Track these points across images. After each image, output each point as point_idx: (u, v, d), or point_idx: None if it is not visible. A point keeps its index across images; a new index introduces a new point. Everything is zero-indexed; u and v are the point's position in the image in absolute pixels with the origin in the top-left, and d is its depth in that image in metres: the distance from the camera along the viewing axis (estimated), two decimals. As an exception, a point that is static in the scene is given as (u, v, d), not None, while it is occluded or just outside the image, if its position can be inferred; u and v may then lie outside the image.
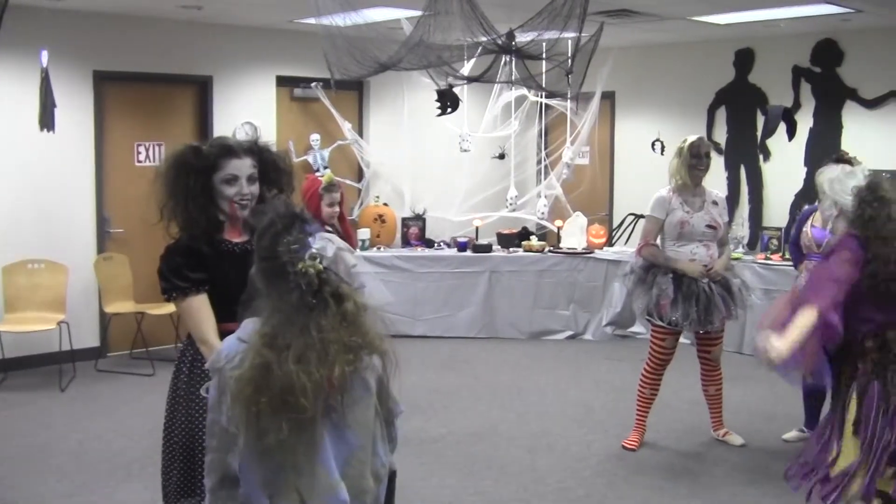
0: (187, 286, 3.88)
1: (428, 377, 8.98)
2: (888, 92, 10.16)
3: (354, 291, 2.89)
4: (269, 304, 2.82)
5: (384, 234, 11.45)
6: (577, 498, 6.11)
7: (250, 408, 2.71)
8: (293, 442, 2.74)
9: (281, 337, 2.75)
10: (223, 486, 2.89)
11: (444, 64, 7.94)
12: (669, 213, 6.81)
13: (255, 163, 4.00)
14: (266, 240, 2.84)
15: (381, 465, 3.01)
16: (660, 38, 11.31)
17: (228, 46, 10.38)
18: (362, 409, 2.92)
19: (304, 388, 2.70)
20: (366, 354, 2.88)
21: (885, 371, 4.61)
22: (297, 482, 2.80)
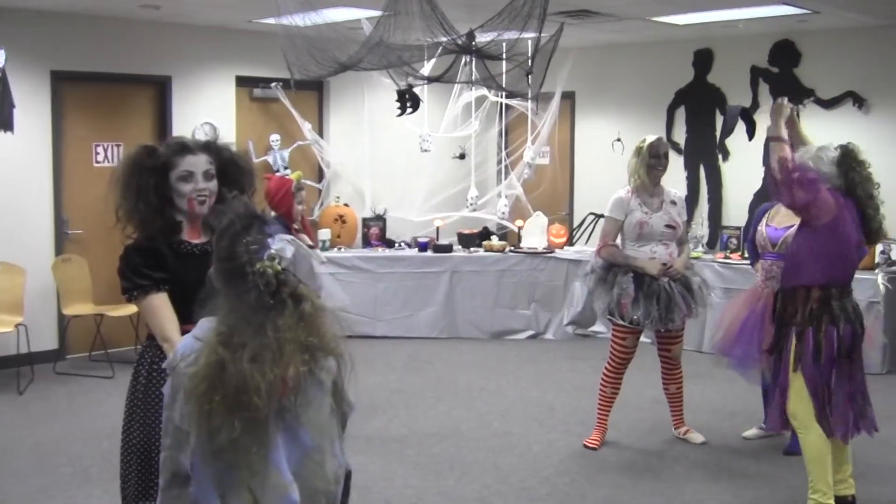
0: (148, 284, 3.85)
1: (389, 377, 8.97)
2: (845, 92, 10.26)
3: (312, 293, 2.89)
4: (226, 303, 2.82)
5: (345, 235, 11.42)
6: (540, 497, 6.12)
7: (203, 406, 2.70)
8: (246, 441, 2.73)
9: (237, 336, 2.74)
10: (174, 485, 2.86)
11: (405, 64, 7.94)
12: (628, 213, 6.84)
13: (212, 159, 3.98)
14: (225, 240, 2.83)
15: (339, 465, 3.00)
16: (619, 39, 11.36)
17: (187, 46, 10.33)
18: (316, 409, 2.91)
19: (258, 387, 2.69)
20: (322, 356, 2.88)
21: (820, 321, 5.39)
22: (250, 481, 2.78)
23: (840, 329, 5.39)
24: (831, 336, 5.37)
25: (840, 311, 5.41)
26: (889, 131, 10.04)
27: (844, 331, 5.40)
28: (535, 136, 11.42)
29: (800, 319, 5.44)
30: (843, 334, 5.39)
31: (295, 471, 2.84)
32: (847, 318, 5.42)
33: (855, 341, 5.48)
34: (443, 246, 11.21)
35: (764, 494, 6.16)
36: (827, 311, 5.39)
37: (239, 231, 2.82)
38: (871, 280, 9.26)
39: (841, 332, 5.38)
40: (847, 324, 5.41)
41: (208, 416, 2.71)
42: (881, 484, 6.37)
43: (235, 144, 4.37)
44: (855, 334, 5.47)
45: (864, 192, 5.54)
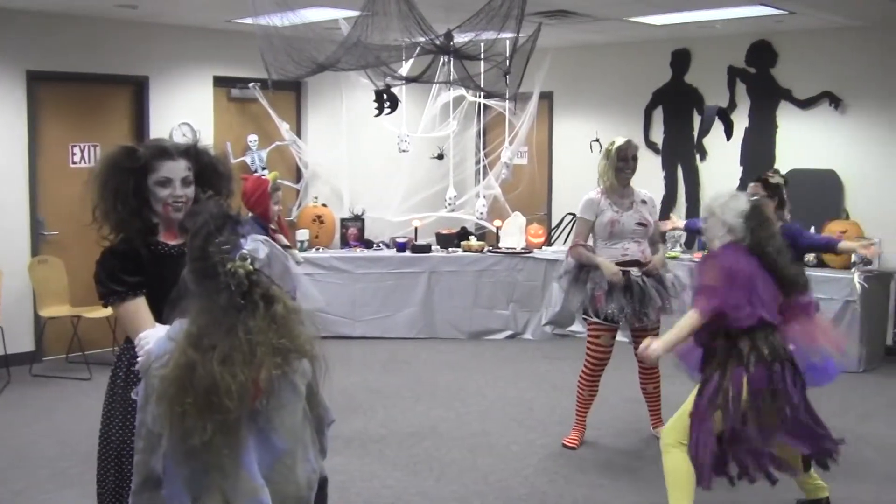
0: (124, 290, 3.83)
1: (368, 378, 8.97)
2: (821, 92, 10.31)
3: (285, 294, 2.88)
4: (197, 304, 2.81)
5: (323, 235, 11.41)
6: (519, 497, 6.13)
7: (174, 408, 2.70)
8: (217, 443, 2.73)
9: (207, 337, 2.74)
10: (146, 488, 2.86)
11: (382, 64, 7.93)
12: (599, 213, 6.94)
13: (191, 165, 3.96)
14: (198, 240, 2.83)
15: (312, 471, 2.99)
16: (597, 39, 11.39)
17: (165, 46, 10.29)
18: (289, 413, 2.91)
19: (229, 389, 2.69)
20: (295, 358, 2.87)
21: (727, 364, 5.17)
22: (222, 483, 2.78)
23: (750, 370, 5.09)
24: (738, 379, 5.10)
25: (750, 352, 5.13)
26: (864, 131, 10.10)
27: (757, 371, 5.08)
28: (513, 136, 11.43)
29: (712, 360, 5.27)
30: (755, 375, 5.08)
31: (266, 475, 2.83)
32: (759, 359, 5.11)
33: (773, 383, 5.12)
34: (421, 246, 11.21)
35: (742, 494, 6.18)
36: (736, 357, 5.15)
37: (212, 231, 2.82)
38: (848, 279, 9.32)
39: (751, 372, 5.08)
40: (759, 364, 5.10)
41: (180, 418, 2.70)
42: (861, 481, 6.40)
43: (214, 146, 4.36)
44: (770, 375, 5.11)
45: (774, 249, 5.33)
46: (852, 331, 9.29)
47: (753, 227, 5.32)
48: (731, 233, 5.35)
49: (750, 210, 5.37)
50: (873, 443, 7.22)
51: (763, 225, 5.38)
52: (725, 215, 5.38)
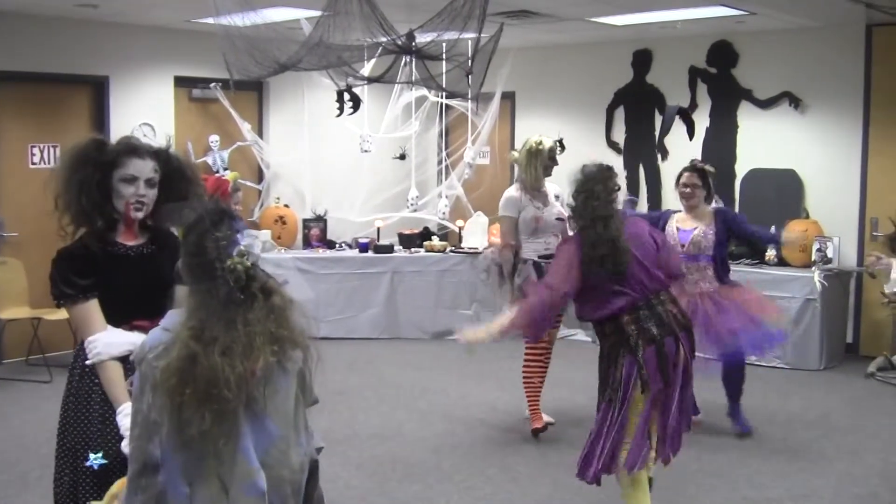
0: (74, 293, 3.82)
1: (332, 379, 8.92)
2: (781, 92, 10.39)
3: (281, 286, 2.97)
4: (195, 298, 2.87)
5: (285, 236, 11.38)
6: (484, 496, 6.14)
7: (174, 398, 2.75)
8: (215, 432, 2.79)
9: (208, 330, 2.80)
10: (143, 475, 2.89)
11: (344, 64, 7.91)
12: (522, 210, 7.25)
13: (158, 168, 3.94)
14: (194, 235, 2.89)
15: (304, 454, 3.07)
16: (559, 39, 11.41)
17: (125, 46, 10.22)
18: (283, 399, 2.98)
19: (228, 380, 2.75)
20: (290, 347, 2.96)
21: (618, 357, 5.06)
22: (219, 469, 2.84)
23: (640, 357, 4.98)
24: (631, 369, 4.99)
25: (638, 336, 5.01)
26: (824, 131, 10.19)
27: (646, 355, 4.98)
28: (475, 136, 11.43)
29: (605, 354, 5.19)
30: (645, 359, 4.98)
31: (261, 459, 2.90)
32: (648, 340, 5.00)
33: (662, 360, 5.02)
34: (383, 246, 11.21)
35: (704, 489, 6.23)
36: (625, 344, 5.03)
37: (208, 227, 2.87)
38: (808, 278, 9.40)
39: (641, 359, 4.97)
40: (650, 346, 4.99)
41: (179, 408, 2.77)
42: (821, 477, 6.46)
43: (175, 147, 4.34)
44: (660, 352, 5.01)
45: (584, 220, 5.20)
46: (813, 329, 9.38)
47: (576, 197, 5.25)
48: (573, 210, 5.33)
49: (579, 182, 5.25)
50: (834, 440, 7.29)
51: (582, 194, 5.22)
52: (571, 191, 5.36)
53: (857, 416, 7.94)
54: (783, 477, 6.48)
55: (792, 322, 9.25)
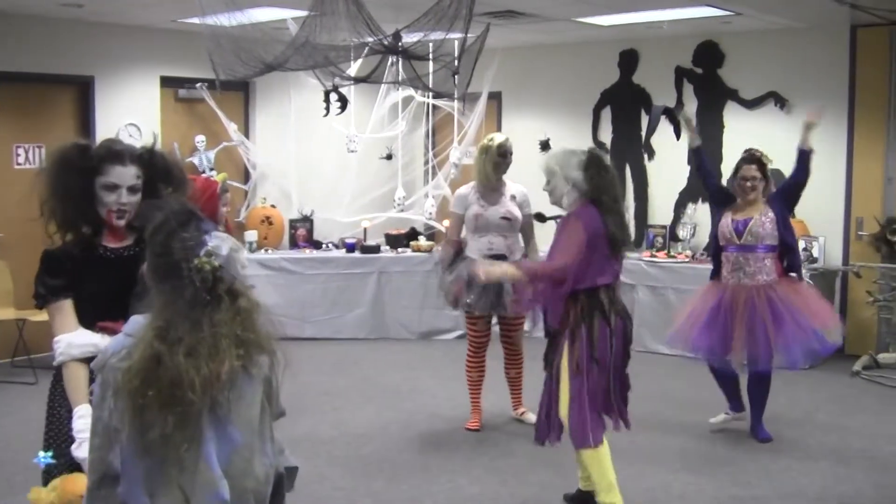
0: (45, 293, 3.84)
1: (318, 379, 8.94)
2: (767, 92, 10.42)
3: (248, 289, 2.90)
4: (161, 298, 2.81)
5: (271, 236, 11.36)
6: (470, 496, 6.14)
7: (136, 400, 2.69)
8: (177, 436, 2.72)
9: (173, 330, 2.74)
10: (102, 486, 2.83)
11: (331, 64, 7.90)
12: (468, 207, 7.36)
13: (141, 173, 3.90)
14: (160, 236, 2.83)
15: (269, 465, 2.99)
16: (545, 39, 11.42)
17: (111, 46, 10.19)
18: (247, 405, 2.91)
19: (193, 382, 2.70)
20: (256, 352, 2.89)
21: (592, 317, 5.45)
22: (180, 478, 2.77)
23: (612, 323, 5.47)
24: (605, 332, 5.44)
25: (610, 307, 5.49)
26: (810, 131, 10.20)
27: (616, 325, 5.48)
28: (461, 136, 11.43)
29: (572, 321, 5.49)
30: (615, 329, 5.47)
31: (224, 468, 2.83)
32: (618, 313, 5.52)
33: (627, 336, 5.60)
34: (370, 247, 11.21)
35: (691, 487, 6.24)
36: (598, 309, 5.47)
37: (175, 227, 2.82)
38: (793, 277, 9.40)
39: (613, 327, 5.46)
40: (619, 319, 5.52)
41: (141, 411, 2.70)
42: (806, 475, 6.48)
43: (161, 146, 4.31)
44: (626, 329, 5.59)
45: (609, 197, 5.58)
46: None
47: (592, 175, 5.54)
48: (575, 186, 5.57)
49: (587, 160, 5.58)
50: (820, 438, 7.32)
51: (601, 173, 5.59)
52: (567, 170, 5.59)
53: (842, 415, 7.97)
54: (769, 475, 6.50)
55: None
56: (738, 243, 7.08)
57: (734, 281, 7.07)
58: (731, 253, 7.13)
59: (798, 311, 6.92)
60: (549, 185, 5.72)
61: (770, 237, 7.04)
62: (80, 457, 3.52)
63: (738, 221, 7.14)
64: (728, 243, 7.15)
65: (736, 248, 7.09)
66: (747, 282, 7.00)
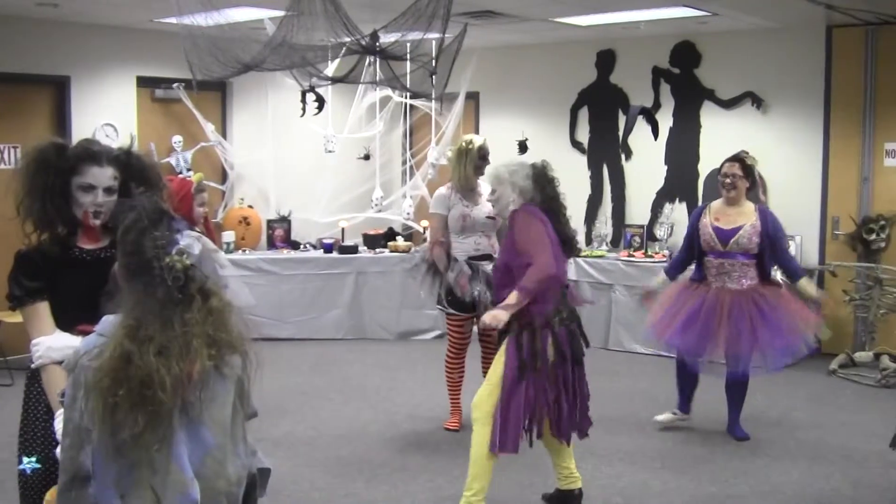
0: (21, 295, 3.82)
1: (296, 379, 8.92)
2: (743, 92, 10.46)
3: (220, 288, 2.90)
4: (132, 297, 2.80)
5: (249, 237, 11.33)
6: (450, 496, 6.14)
7: (107, 399, 2.68)
8: (148, 436, 2.71)
9: (143, 329, 2.73)
10: (73, 486, 2.82)
11: (308, 64, 7.89)
12: (451, 207, 7.31)
13: (118, 174, 3.89)
14: (132, 235, 2.82)
15: (242, 466, 2.99)
16: (523, 40, 11.43)
17: (87, 46, 10.14)
18: (219, 407, 2.91)
19: (163, 381, 2.69)
20: (228, 352, 2.88)
21: (533, 328, 5.42)
22: (151, 479, 2.76)
23: (555, 331, 5.46)
24: (546, 339, 5.43)
25: (555, 314, 5.48)
26: (786, 130, 10.27)
27: (560, 333, 5.47)
28: (439, 136, 11.43)
29: (516, 326, 5.45)
30: (559, 338, 5.46)
31: (196, 470, 2.83)
32: (562, 321, 5.50)
33: (573, 342, 5.56)
34: (348, 247, 11.19)
35: (669, 486, 6.26)
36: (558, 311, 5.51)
37: (146, 226, 2.81)
38: (770, 276, 9.45)
39: (556, 333, 5.46)
40: (562, 326, 5.49)
41: (112, 410, 2.69)
42: (785, 474, 6.51)
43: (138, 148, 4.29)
44: (572, 335, 5.56)
45: (558, 206, 5.73)
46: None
47: (543, 185, 5.67)
48: (522, 195, 5.65)
49: (537, 172, 5.70)
50: (797, 436, 7.35)
51: (551, 183, 5.73)
52: (515, 178, 5.67)
53: (819, 413, 8.01)
54: (747, 473, 6.52)
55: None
56: (721, 250, 7.10)
57: (718, 284, 7.12)
58: (713, 259, 7.15)
59: (783, 314, 6.96)
60: (495, 194, 5.75)
61: (754, 248, 7.07)
62: None
63: (722, 229, 7.12)
64: (711, 250, 7.16)
65: (719, 254, 7.12)
66: (732, 286, 7.04)
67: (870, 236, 9.44)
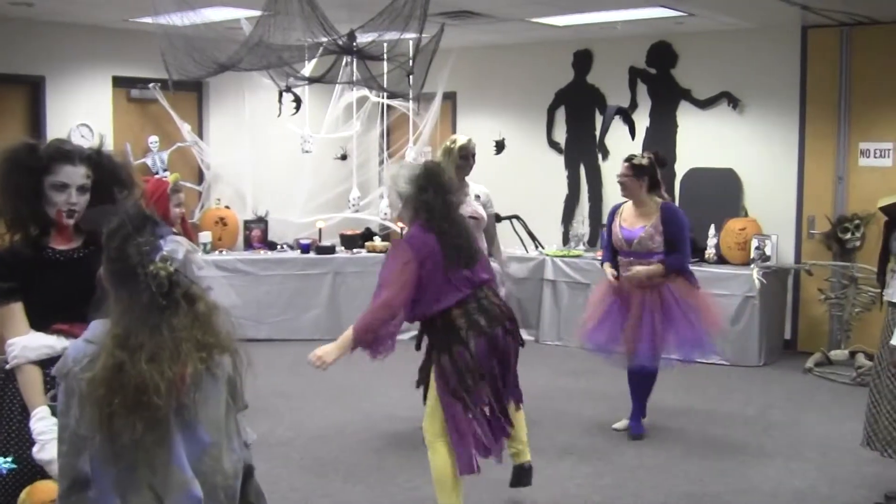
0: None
1: (274, 380, 8.89)
2: (720, 92, 10.51)
3: (205, 292, 2.91)
4: (119, 305, 2.81)
5: (226, 237, 11.30)
6: (428, 496, 6.13)
7: (103, 409, 2.70)
8: (147, 441, 2.74)
9: (133, 337, 2.75)
10: (73, 491, 2.83)
11: (285, 64, 7.88)
12: None
13: (90, 173, 3.88)
14: (116, 241, 2.83)
15: (238, 460, 3.03)
16: (500, 40, 11.44)
17: (62, 45, 10.09)
18: (213, 406, 2.94)
19: (158, 387, 2.71)
20: (217, 353, 2.91)
21: (450, 346, 5.21)
22: (151, 480, 2.79)
23: (471, 347, 5.16)
24: (464, 357, 5.16)
25: (468, 329, 5.19)
26: (761, 130, 10.31)
27: (477, 346, 5.16)
28: (416, 136, 11.43)
29: (436, 345, 5.36)
30: (477, 350, 5.16)
31: (194, 467, 2.86)
32: (480, 332, 5.19)
33: (498, 348, 5.27)
34: (325, 247, 11.17)
35: (645, 485, 6.28)
36: (454, 334, 5.21)
37: (130, 233, 2.82)
38: (747, 275, 9.51)
39: (472, 349, 5.16)
40: (481, 337, 5.18)
41: (109, 419, 2.71)
42: (761, 471, 6.53)
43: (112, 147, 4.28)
44: (494, 342, 5.24)
45: (439, 213, 5.26)
46: (752, 325, 9.49)
47: (421, 189, 5.24)
48: (407, 202, 5.32)
49: (418, 174, 5.30)
50: (773, 435, 7.38)
51: (430, 187, 5.27)
52: (398, 184, 5.35)
53: (795, 412, 8.04)
54: (723, 472, 6.54)
55: (731, 319, 9.40)
56: (628, 250, 7.15)
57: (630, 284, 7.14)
58: (623, 258, 7.21)
59: (690, 310, 6.98)
60: (390, 199, 5.63)
61: (658, 247, 7.06)
62: (43, 459, 3.50)
63: (627, 230, 7.19)
64: (621, 249, 7.22)
65: (627, 253, 7.17)
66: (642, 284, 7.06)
67: (845, 235, 9.48)
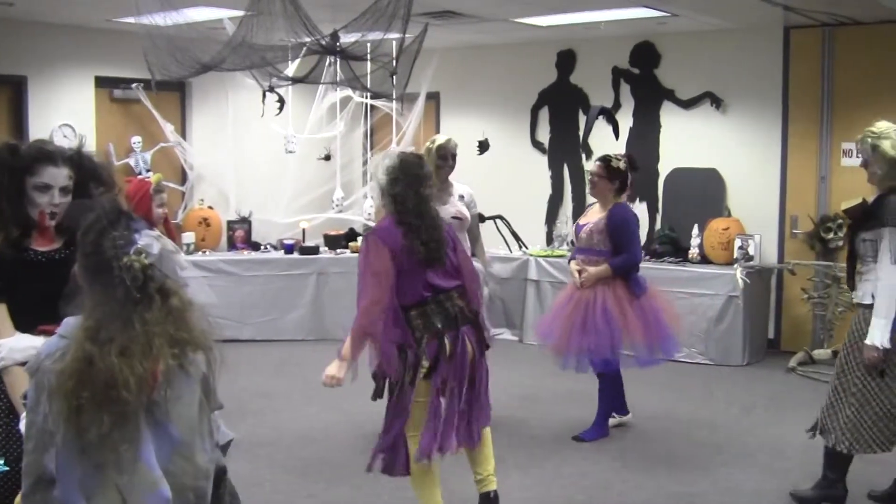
0: None
1: (257, 381, 8.88)
2: (703, 93, 10.52)
3: (180, 287, 2.89)
4: (92, 298, 2.80)
5: (209, 238, 11.27)
6: (412, 497, 6.11)
7: (71, 402, 2.67)
8: (115, 437, 2.71)
9: (104, 330, 2.73)
10: (37, 490, 2.80)
11: (268, 64, 7.87)
12: None
13: (73, 174, 3.88)
14: (91, 235, 2.82)
15: (209, 461, 2.99)
16: (483, 40, 11.44)
17: (44, 45, 10.05)
18: (185, 404, 2.91)
19: (127, 381, 2.68)
20: (191, 350, 2.88)
21: (420, 342, 5.12)
22: (118, 480, 2.75)
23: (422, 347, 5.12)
24: (432, 349, 5.12)
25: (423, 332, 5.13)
26: (744, 130, 10.34)
27: (429, 347, 5.11)
28: (400, 136, 11.42)
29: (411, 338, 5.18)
30: (428, 352, 5.12)
31: (164, 467, 2.83)
32: (434, 335, 5.13)
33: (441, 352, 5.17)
34: (309, 248, 11.16)
35: (629, 485, 6.28)
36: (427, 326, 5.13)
37: (105, 226, 2.81)
38: (730, 275, 9.52)
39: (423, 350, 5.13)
40: (433, 340, 5.12)
41: (77, 412, 2.68)
42: (744, 471, 6.55)
43: (95, 147, 4.27)
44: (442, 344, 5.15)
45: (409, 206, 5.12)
46: (735, 325, 9.51)
47: (393, 179, 5.12)
48: (382, 193, 5.21)
49: (392, 165, 5.16)
50: (756, 434, 7.39)
51: (401, 181, 5.13)
52: (378, 175, 5.23)
53: (778, 411, 8.07)
54: (707, 472, 6.56)
55: (715, 319, 9.43)
56: (578, 246, 7.15)
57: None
58: (576, 254, 7.19)
59: (649, 310, 6.90)
60: (374, 190, 5.56)
61: (599, 245, 6.96)
62: None
63: (580, 226, 7.16)
64: (576, 245, 7.24)
65: (578, 249, 7.15)
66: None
67: (828, 235, 9.51)
